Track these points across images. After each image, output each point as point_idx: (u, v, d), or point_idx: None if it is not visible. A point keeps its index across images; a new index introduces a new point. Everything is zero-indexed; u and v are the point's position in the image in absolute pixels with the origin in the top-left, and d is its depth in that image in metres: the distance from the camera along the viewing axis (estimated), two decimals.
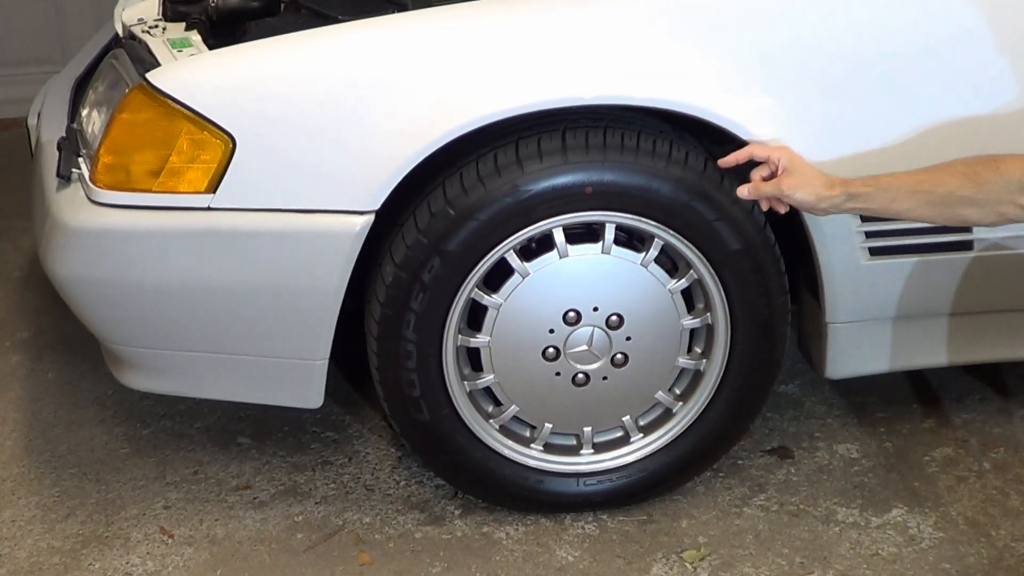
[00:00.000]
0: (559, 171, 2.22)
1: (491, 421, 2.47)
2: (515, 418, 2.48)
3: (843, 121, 2.27)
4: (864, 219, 2.33)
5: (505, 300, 2.32)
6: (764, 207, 2.19)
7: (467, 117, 2.17)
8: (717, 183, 2.26)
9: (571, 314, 2.34)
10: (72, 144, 2.41)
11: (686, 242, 2.31)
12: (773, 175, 2.17)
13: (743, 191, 2.17)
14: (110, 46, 2.84)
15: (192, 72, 2.25)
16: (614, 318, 2.36)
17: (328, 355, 2.36)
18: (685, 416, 2.50)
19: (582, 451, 2.52)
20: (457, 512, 2.57)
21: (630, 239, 2.37)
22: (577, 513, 2.55)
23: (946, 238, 2.40)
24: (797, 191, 2.13)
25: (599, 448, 2.53)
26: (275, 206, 2.22)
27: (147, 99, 2.21)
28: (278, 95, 2.19)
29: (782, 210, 2.19)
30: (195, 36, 2.49)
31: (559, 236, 2.29)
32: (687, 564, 2.42)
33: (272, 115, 2.20)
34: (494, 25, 2.23)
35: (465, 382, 2.42)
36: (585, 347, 2.38)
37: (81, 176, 2.33)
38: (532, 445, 2.50)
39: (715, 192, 2.26)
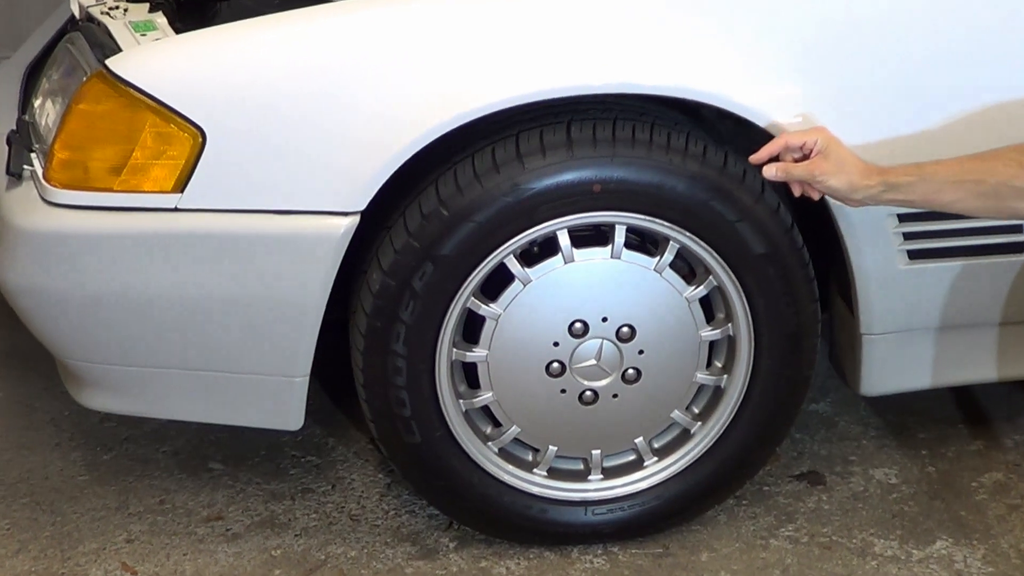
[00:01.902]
0: (564, 167, 2.24)
1: (490, 444, 2.49)
2: (516, 440, 2.50)
3: (878, 107, 2.30)
4: (903, 218, 2.36)
5: (504, 310, 2.35)
6: (796, 192, 2.19)
7: (462, 108, 2.19)
8: (739, 180, 2.28)
9: (578, 325, 2.37)
10: (23, 138, 2.42)
11: (704, 245, 2.33)
12: (805, 158, 2.17)
13: (770, 171, 2.16)
14: (66, 29, 2.84)
15: (157, 58, 2.27)
16: (625, 329, 2.38)
17: (309, 371, 2.38)
18: (704, 438, 2.52)
19: (590, 477, 2.54)
20: (452, 545, 2.59)
21: (642, 242, 2.39)
22: (585, 546, 2.57)
23: (996, 239, 2.42)
24: (830, 178, 2.13)
25: (609, 473, 2.55)
26: (250, 207, 2.24)
27: (107, 88, 2.23)
28: (252, 84, 2.21)
29: (815, 196, 2.19)
30: (160, 18, 2.50)
31: (564, 239, 2.31)
32: None
33: (246, 106, 2.21)
34: (491, 6, 2.25)
35: (461, 400, 2.44)
36: (593, 362, 2.40)
37: (34, 174, 2.34)
38: (535, 470, 2.52)
39: (736, 190, 2.28)
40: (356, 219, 2.24)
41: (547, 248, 2.34)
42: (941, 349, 2.54)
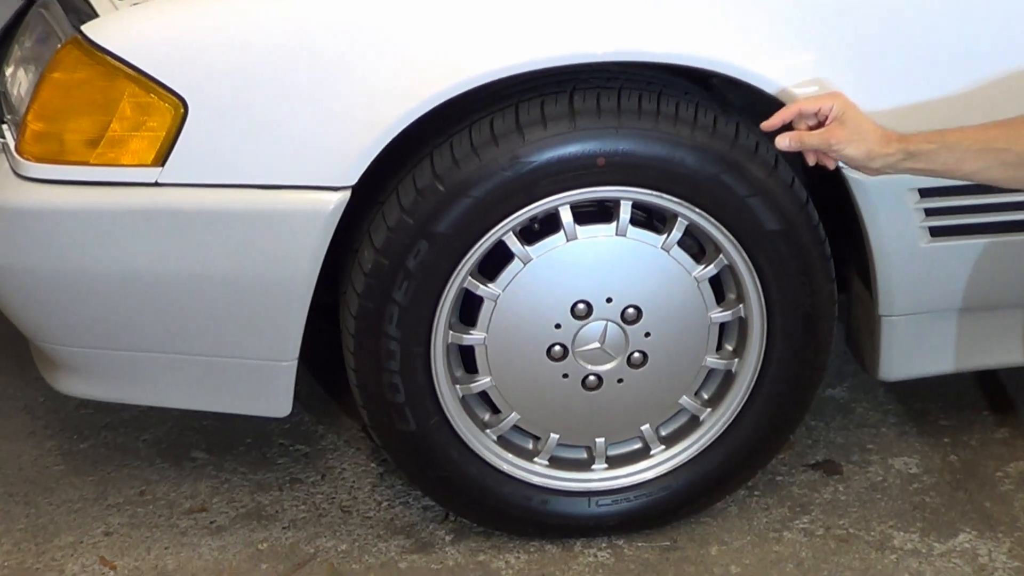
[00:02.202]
0: (566, 140, 2.24)
1: (488, 431, 2.50)
2: (516, 428, 2.51)
3: (896, 72, 2.30)
4: (924, 193, 2.35)
5: (503, 290, 2.35)
6: (811, 161, 2.19)
7: (459, 77, 2.19)
8: (751, 152, 2.28)
9: (580, 306, 2.37)
10: None
11: (715, 222, 2.33)
12: (820, 125, 2.16)
13: (783, 140, 2.16)
14: None
15: (136, 24, 2.26)
16: (631, 311, 2.38)
17: (297, 356, 2.38)
18: (714, 425, 2.53)
19: (594, 466, 2.55)
20: (448, 538, 2.59)
21: (649, 219, 2.39)
22: (588, 538, 2.58)
23: (1023, 215, 2.42)
24: (847, 145, 2.13)
25: (614, 462, 2.56)
26: (234, 181, 2.24)
27: (83, 56, 2.22)
28: (237, 51, 2.21)
29: (831, 165, 2.19)
30: None
31: (566, 215, 2.31)
32: None
33: (231, 74, 2.21)
34: None
35: (457, 386, 2.44)
36: (597, 345, 2.40)
37: (5, 146, 2.34)
38: (536, 459, 2.53)
39: (748, 163, 2.28)
40: (347, 194, 2.23)
41: (548, 225, 2.34)
42: (964, 331, 2.54)
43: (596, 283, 2.36)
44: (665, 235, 2.35)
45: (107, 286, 2.32)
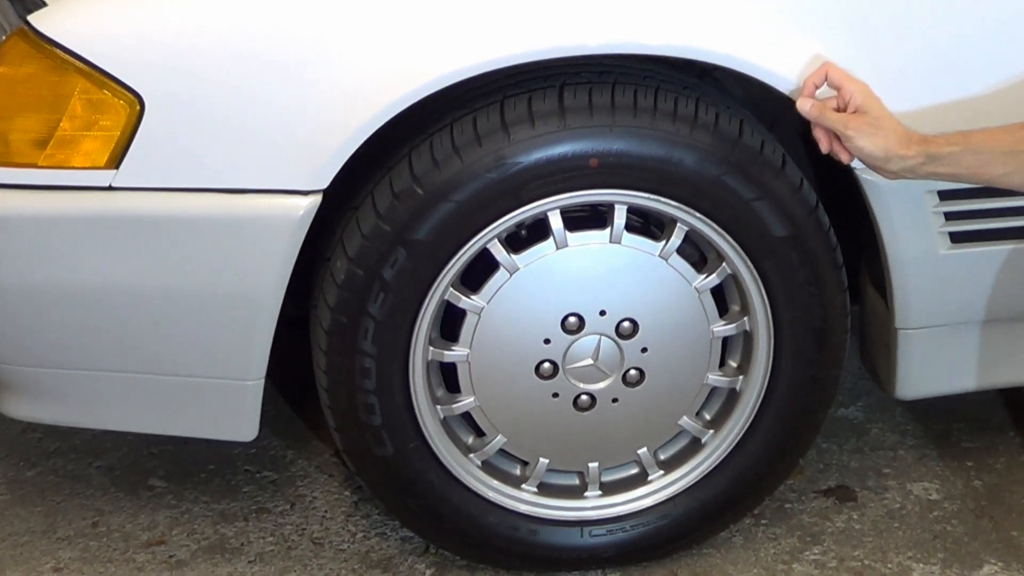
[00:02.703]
0: (556, 139, 2.24)
1: (472, 456, 2.50)
2: (502, 452, 2.51)
3: (918, 67, 2.31)
4: (944, 196, 2.36)
5: (488, 303, 2.35)
6: (824, 147, 2.19)
7: (439, 71, 2.19)
8: (756, 152, 2.29)
9: (572, 320, 2.38)
10: None
11: (717, 227, 2.34)
12: (841, 110, 2.17)
13: (805, 104, 2.16)
14: None
15: (88, 14, 2.26)
16: (626, 324, 2.39)
17: (264, 374, 2.38)
18: (717, 448, 2.54)
19: (587, 493, 2.56)
20: (429, 572, 2.59)
21: (646, 225, 2.40)
22: (581, 572, 2.58)
23: None
24: (863, 137, 2.13)
25: (608, 489, 2.56)
26: (195, 185, 2.24)
27: (30, 48, 2.22)
28: (197, 44, 2.21)
29: (845, 159, 2.19)
30: None
31: (556, 221, 2.32)
32: None
33: (191, 68, 2.21)
34: None
35: (438, 407, 2.45)
36: (590, 361, 2.41)
37: None
38: (524, 486, 2.53)
39: (753, 164, 2.29)
40: (318, 199, 2.24)
41: (537, 232, 2.35)
42: (988, 346, 2.55)
43: (588, 295, 2.37)
44: (663, 242, 2.36)
45: (56, 299, 2.32)
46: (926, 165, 2.14)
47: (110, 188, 2.24)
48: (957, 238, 2.41)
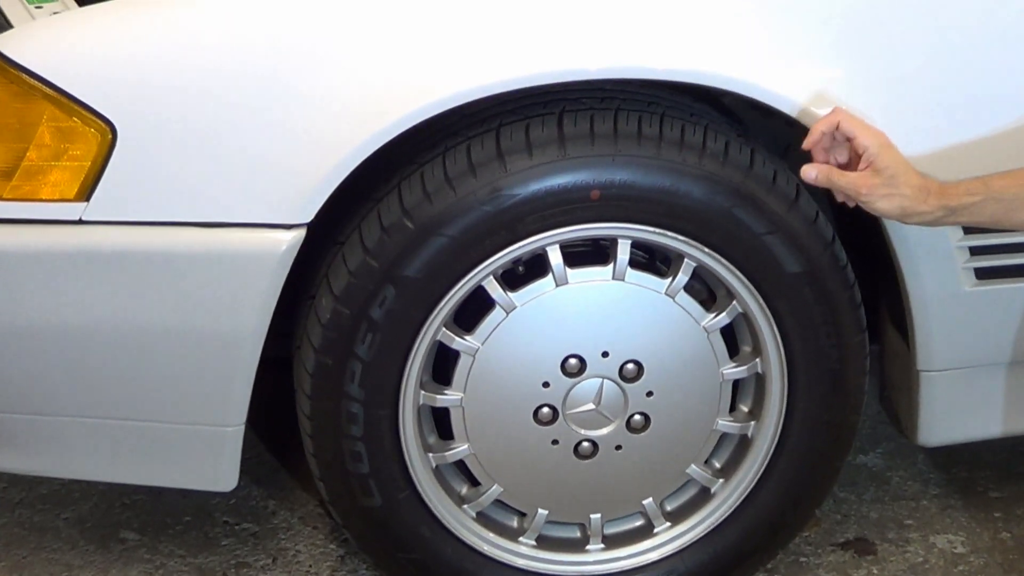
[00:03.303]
0: (555, 169, 2.24)
1: (466, 507, 2.49)
2: (498, 503, 2.51)
3: (935, 96, 2.31)
4: (968, 230, 2.37)
5: (483, 344, 2.35)
6: (839, 198, 2.20)
7: (431, 97, 2.19)
8: (768, 183, 2.29)
9: (572, 362, 2.37)
10: None
11: (727, 263, 2.34)
12: (854, 158, 2.16)
13: (810, 172, 2.16)
14: None
15: (57, 37, 2.26)
16: (630, 367, 2.39)
17: (244, 420, 2.37)
18: (728, 498, 2.53)
19: (588, 546, 2.55)
20: None
21: (651, 260, 2.40)
22: None
23: None
24: (879, 200, 2.13)
25: (611, 542, 2.55)
26: (170, 218, 2.24)
27: None
28: (173, 69, 2.21)
29: (852, 204, 2.20)
30: None
31: (555, 256, 2.32)
32: None
33: (166, 95, 2.21)
34: None
35: (430, 454, 2.44)
36: (591, 406, 2.40)
37: None
38: (522, 539, 2.53)
39: (765, 195, 2.29)
40: (301, 233, 2.23)
41: (535, 268, 2.34)
42: (1016, 389, 2.55)
43: (590, 335, 2.37)
44: (670, 279, 2.36)
45: (21, 339, 2.31)
46: (946, 218, 2.15)
47: (80, 222, 2.24)
48: (983, 274, 2.41)
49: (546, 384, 2.38)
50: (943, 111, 2.31)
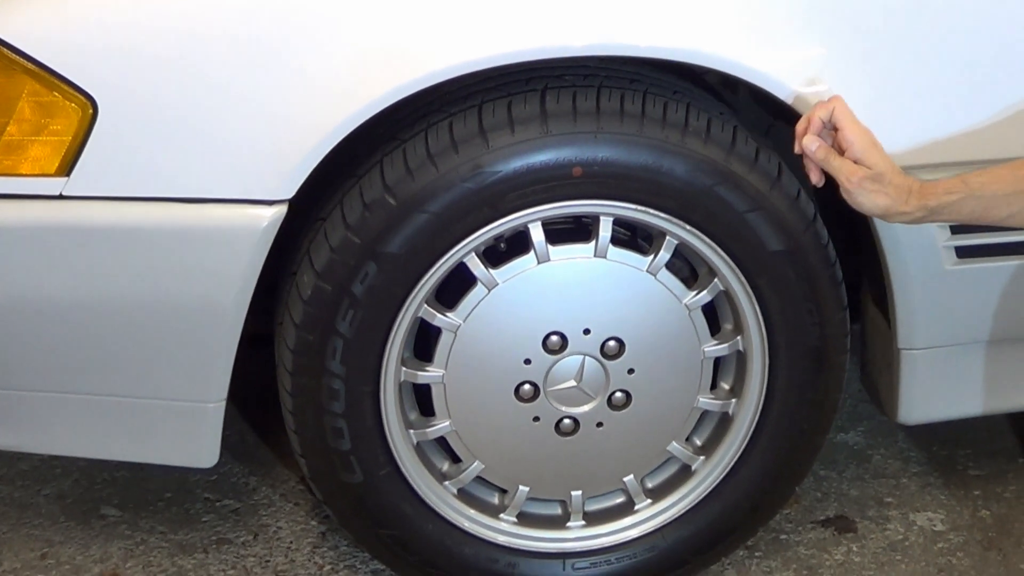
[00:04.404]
0: (537, 146, 2.24)
1: (447, 484, 2.50)
2: (479, 479, 2.51)
3: (926, 74, 2.31)
4: None
5: (465, 320, 2.35)
6: (814, 179, 2.19)
7: (413, 73, 2.19)
8: (750, 161, 2.29)
9: (554, 339, 2.37)
10: None
11: (708, 241, 2.34)
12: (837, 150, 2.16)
13: (811, 144, 2.15)
14: None
15: (38, 11, 2.25)
16: (612, 344, 2.39)
17: (225, 396, 2.38)
18: (709, 475, 2.54)
19: (569, 523, 2.55)
20: None
21: (633, 238, 2.40)
22: None
23: None
24: (864, 195, 2.13)
25: (592, 519, 2.56)
26: (151, 194, 2.24)
27: None
28: (155, 43, 2.20)
29: (820, 184, 2.19)
30: None
31: (537, 234, 2.32)
32: None
33: (148, 70, 2.21)
34: None
35: (411, 431, 2.44)
36: (573, 383, 2.41)
37: None
38: (502, 516, 2.53)
39: (747, 174, 2.29)
40: (283, 209, 2.23)
41: (517, 245, 2.35)
42: (996, 367, 2.56)
43: (572, 312, 2.37)
44: (651, 256, 2.36)
45: (1, 314, 2.31)
46: (927, 217, 2.16)
47: (61, 197, 2.24)
48: (963, 253, 2.42)
49: (527, 361, 2.38)
50: (926, 91, 2.31)
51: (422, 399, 2.45)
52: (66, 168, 2.22)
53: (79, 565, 2.69)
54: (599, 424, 2.45)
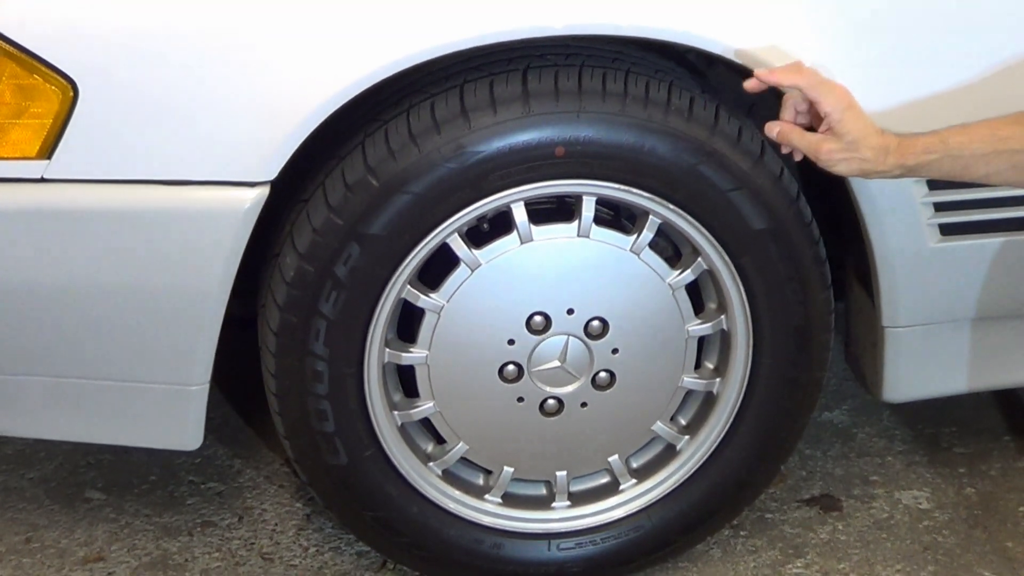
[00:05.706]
0: (519, 126, 2.24)
1: (431, 465, 2.50)
2: (464, 460, 2.52)
3: (910, 48, 2.31)
4: (933, 186, 2.37)
5: (448, 301, 2.35)
6: (798, 156, 2.21)
7: (394, 54, 2.19)
8: (733, 140, 2.30)
9: (537, 319, 2.38)
10: None
11: (692, 220, 2.34)
12: (814, 116, 2.16)
13: (773, 128, 2.17)
14: None
15: None
16: (595, 324, 2.40)
17: (209, 379, 2.38)
18: (693, 455, 2.54)
19: (554, 504, 2.56)
20: None
21: (616, 217, 2.41)
22: None
23: None
24: (839, 163, 2.13)
25: (577, 500, 2.57)
26: (133, 176, 2.24)
27: None
28: (136, 25, 2.20)
29: (799, 157, 2.21)
30: None
31: (520, 214, 2.32)
32: None
33: (128, 51, 2.20)
34: None
35: (396, 412, 2.45)
36: (557, 363, 2.41)
37: None
38: (487, 497, 2.54)
39: (730, 152, 2.30)
40: (265, 190, 2.23)
41: (499, 225, 2.35)
42: (981, 345, 2.57)
43: (555, 292, 2.37)
44: (635, 236, 2.36)
45: None
46: (905, 175, 2.17)
47: (42, 180, 2.23)
48: (947, 230, 2.42)
49: (511, 341, 2.39)
50: (904, 61, 2.31)
51: (406, 380, 2.45)
52: (47, 151, 2.22)
53: (64, 548, 2.69)
54: (583, 404, 2.45)
